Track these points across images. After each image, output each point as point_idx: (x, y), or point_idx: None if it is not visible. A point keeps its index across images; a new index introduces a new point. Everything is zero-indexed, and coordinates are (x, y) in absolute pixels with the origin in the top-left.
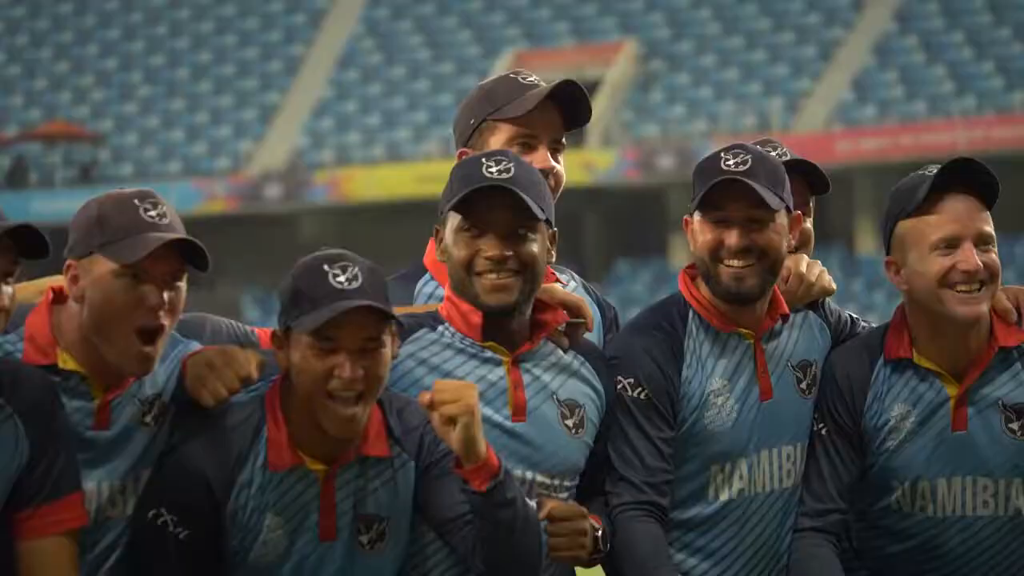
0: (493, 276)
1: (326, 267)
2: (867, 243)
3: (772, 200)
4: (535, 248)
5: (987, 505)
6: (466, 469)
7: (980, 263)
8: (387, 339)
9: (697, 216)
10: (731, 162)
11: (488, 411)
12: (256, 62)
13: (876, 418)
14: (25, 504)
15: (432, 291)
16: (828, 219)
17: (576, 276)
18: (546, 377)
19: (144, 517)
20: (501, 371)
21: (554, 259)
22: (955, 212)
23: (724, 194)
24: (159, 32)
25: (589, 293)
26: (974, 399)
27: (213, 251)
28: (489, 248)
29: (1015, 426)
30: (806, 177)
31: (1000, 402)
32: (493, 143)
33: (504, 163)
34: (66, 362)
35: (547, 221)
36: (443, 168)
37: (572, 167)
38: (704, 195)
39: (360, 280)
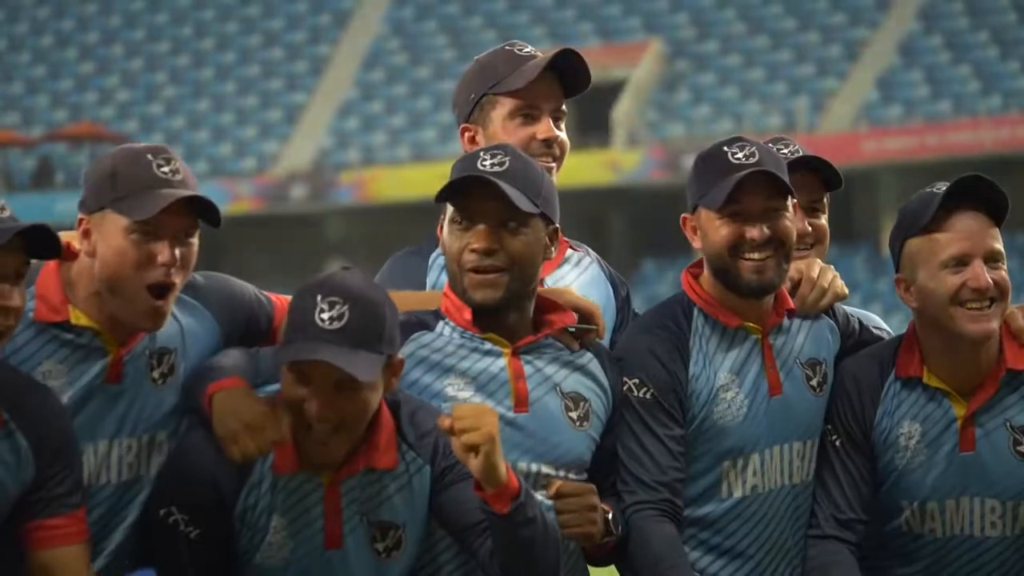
0: (479, 276)
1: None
2: None
3: (789, 189)
4: (524, 243)
5: (995, 526)
6: (487, 493)
7: (990, 280)
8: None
9: (706, 212)
10: (740, 155)
11: (490, 403)
12: (281, 63)
13: (885, 433)
14: (34, 516)
15: (445, 263)
16: (853, 219)
17: (592, 252)
18: (549, 369)
19: (156, 514)
20: (502, 362)
21: (553, 255)
22: (965, 229)
23: (738, 187)
24: (184, 33)
25: (603, 270)
26: (981, 420)
27: (239, 252)
28: (476, 240)
29: None
30: (820, 174)
31: (1008, 423)
32: (495, 117)
33: (500, 156)
34: (78, 318)
35: (544, 216)
36: None
37: (597, 167)
38: (719, 192)
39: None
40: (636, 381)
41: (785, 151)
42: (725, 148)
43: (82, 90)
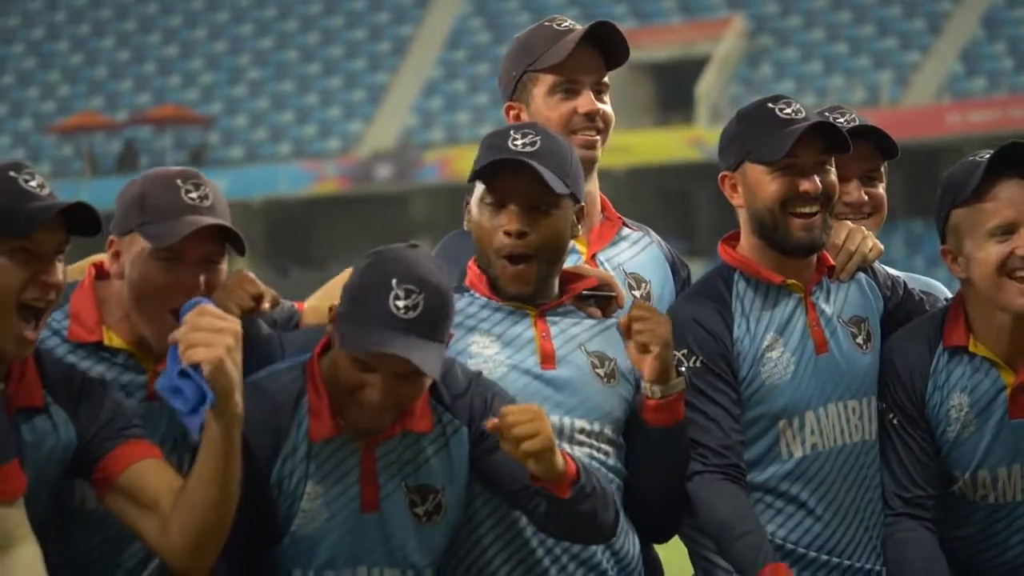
0: (512, 268)
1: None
2: None
3: (847, 143)
4: (555, 224)
5: None
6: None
7: None
8: None
9: (754, 167)
10: (788, 111)
11: (517, 359)
12: (365, 43)
13: (938, 407)
14: (96, 459)
15: (475, 239)
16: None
17: (652, 233)
18: (574, 330)
19: None
20: (528, 322)
21: (580, 233)
22: (1010, 197)
23: (795, 141)
24: (268, 14)
25: (663, 251)
26: None
27: (325, 233)
28: (509, 222)
29: None
30: (876, 143)
31: None
32: (536, 94)
33: (531, 136)
34: (111, 339)
35: (572, 196)
36: None
37: (681, 144)
38: (776, 144)
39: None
40: (684, 352)
41: (841, 120)
42: (771, 105)
43: (166, 73)
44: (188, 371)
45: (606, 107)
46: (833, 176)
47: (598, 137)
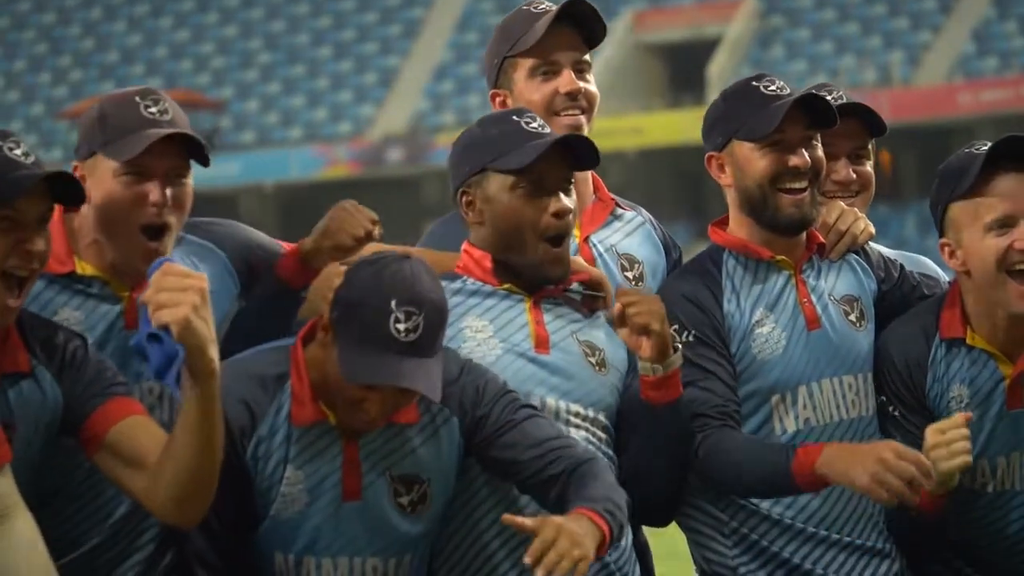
0: (556, 250)
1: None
2: None
3: (835, 116)
4: (574, 203)
5: None
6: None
7: None
8: None
9: (742, 145)
10: (772, 88)
11: (511, 342)
12: (376, 26)
13: (938, 399)
14: (82, 418)
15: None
16: None
17: (644, 212)
18: (566, 319)
19: None
20: (522, 307)
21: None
22: (1008, 190)
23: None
24: None
25: (655, 231)
26: None
27: None
28: (557, 204)
29: None
30: (864, 120)
31: None
32: (518, 78)
33: (536, 116)
34: (84, 268)
35: None
36: None
37: (693, 125)
38: (763, 120)
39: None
40: (676, 327)
41: (829, 98)
42: (755, 83)
43: (177, 58)
44: (156, 333)
45: (589, 85)
46: (820, 151)
47: (583, 116)
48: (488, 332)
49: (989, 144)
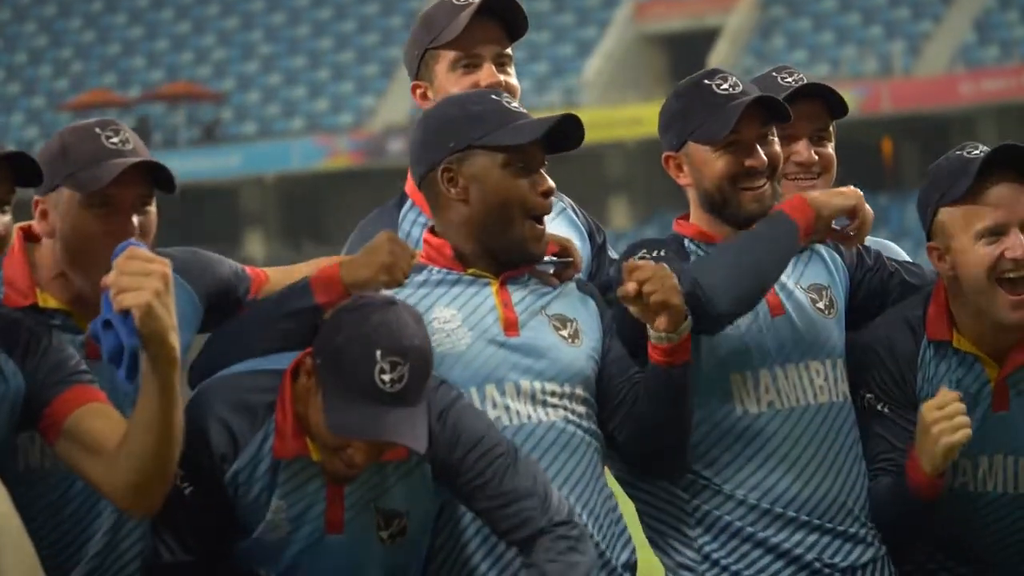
0: (540, 227)
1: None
2: None
3: (789, 114)
4: None
5: None
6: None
7: None
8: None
9: (698, 147)
10: (725, 86)
11: (480, 328)
12: (377, 17)
13: (927, 400)
14: (43, 406)
15: (415, 218)
16: None
17: (565, 199)
18: (534, 295)
19: None
20: (489, 291)
21: None
22: (1001, 198)
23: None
24: None
25: (577, 216)
26: (1014, 380)
27: (338, 207)
28: (543, 182)
29: None
30: (825, 101)
31: None
32: (439, 71)
33: (510, 97)
34: (46, 301)
35: None
36: None
37: None
38: (719, 123)
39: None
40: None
41: (789, 79)
42: (707, 81)
43: (178, 50)
44: (112, 319)
45: (510, 79)
46: (776, 146)
47: None
48: (456, 322)
49: (981, 148)
